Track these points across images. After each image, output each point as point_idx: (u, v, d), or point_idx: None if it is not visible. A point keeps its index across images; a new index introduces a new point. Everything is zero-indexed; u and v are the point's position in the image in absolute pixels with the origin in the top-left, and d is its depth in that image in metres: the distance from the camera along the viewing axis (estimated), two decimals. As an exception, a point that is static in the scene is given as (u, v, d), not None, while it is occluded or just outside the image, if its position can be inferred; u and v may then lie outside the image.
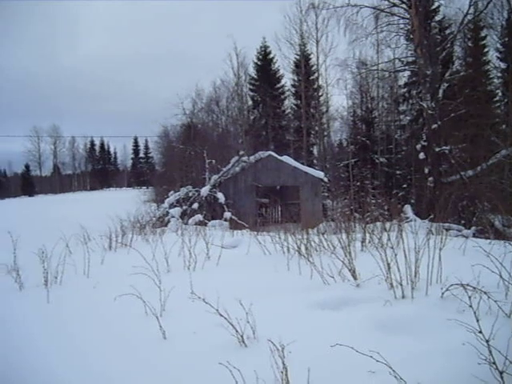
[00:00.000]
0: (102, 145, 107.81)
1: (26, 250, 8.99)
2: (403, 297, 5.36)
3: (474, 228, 17.74)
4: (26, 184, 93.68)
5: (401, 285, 5.45)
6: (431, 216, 19.53)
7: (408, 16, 25.45)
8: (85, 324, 5.64)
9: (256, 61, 43.13)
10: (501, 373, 3.15)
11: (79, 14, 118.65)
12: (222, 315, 4.50)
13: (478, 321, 3.38)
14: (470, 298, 3.76)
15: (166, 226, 20.05)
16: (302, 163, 28.27)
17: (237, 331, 4.45)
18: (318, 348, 4.08)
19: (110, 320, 5.68)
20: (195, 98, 41.45)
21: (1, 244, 10.13)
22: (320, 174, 25.51)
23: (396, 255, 5.73)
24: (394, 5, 25.88)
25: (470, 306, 3.60)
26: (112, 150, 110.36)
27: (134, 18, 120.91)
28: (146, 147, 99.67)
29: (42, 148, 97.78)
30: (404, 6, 25.48)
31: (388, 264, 5.69)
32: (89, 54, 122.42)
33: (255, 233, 13.05)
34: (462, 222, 20.77)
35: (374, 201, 26.35)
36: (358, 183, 34.45)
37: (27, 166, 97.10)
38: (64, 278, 8.07)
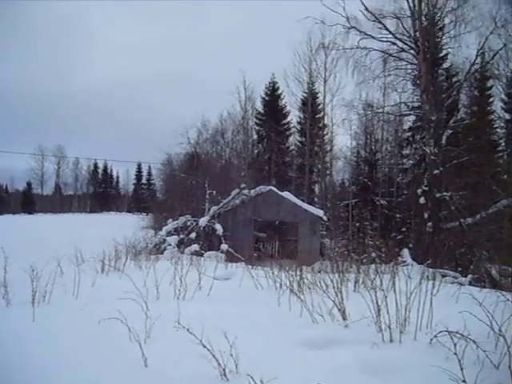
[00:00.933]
0: (106, 168, 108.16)
1: (17, 266, 8.96)
2: (391, 340, 5.29)
3: (470, 276, 17.60)
4: (26, 201, 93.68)
5: (389, 328, 5.39)
6: (428, 261, 19.43)
7: (416, 62, 25.75)
8: (68, 344, 5.57)
9: (264, 96, 43.49)
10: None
11: (91, 35, 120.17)
12: (205, 346, 4.45)
13: (462, 369, 3.33)
14: (455, 345, 3.72)
15: (161, 253, 19.97)
16: (303, 200, 28.26)
17: (219, 364, 4.39)
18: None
19: (93, 343, 5.60)
20: (201, 128, 41.84)
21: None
22: (320, 212, 25.49)
23: (386, 298, 5.68)
24: (403, 50, 26.22)
25: (455, 354, 3.56)
26: (115, 174, 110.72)
27: (143, 42, 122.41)
28: (149, 173, 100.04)
29: (46, 167, 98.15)
30: (412, 51, 25.82)
31: (378, 306, 5.64)
32: (100, 74, 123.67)
33: (250, 266, 12.99)
34: (459, 269, 20.62)
35: (372, 242, 26.28)
36: (358, 224, 34.39)
37: (29, 184, 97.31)
38: (52, 298, 8.00)
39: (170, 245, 21.58)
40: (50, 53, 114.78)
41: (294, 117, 43.45)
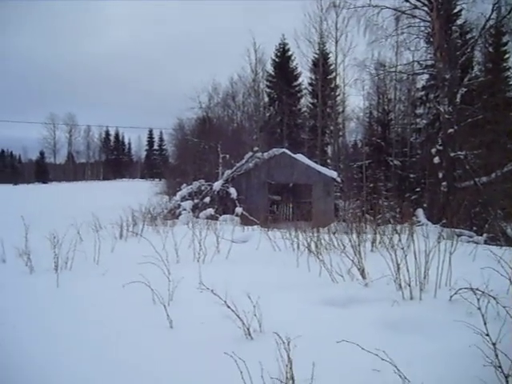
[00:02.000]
0: (117, 135, 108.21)
1: (37, 235, 9.10)
2: (411, 298, 5.36)
3: (485, 235, 17.61)
4: (40, 171, 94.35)
5: (409, 286, 5.45)
6: (443, 221, 19.42)
7: (429, 19, 25.25)
8: (93, 309, 5.71)
9: (274, 58, 43.03)
10: (506, 376, 3.14)
11: (103, 5, 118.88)
12: (229, 307, 4.53)
13: (485, 324, 3.37)
14: (478, 300, 3.75)
15: (177, 218, 20.11)
16: (316, 162, 28.17)
17: (243, 323, 4.48)
18: (324, 343, 4.09)
19: (117, 306, 5.74)
20: (212, 93, 41.56)
21: (13, 228, 10.22)
22: (333, 174, 25.44)
23: (406, 257, 5.72)
24: (416, 7, 25.68)
25: (479, 309, 3.59)
26: (126, 141, 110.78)
27: (154, 10, 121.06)
28: (161, 139, 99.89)
29: (58, 136, 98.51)
30: (425, 8, 25.28)
31: (398, 265, 5.68)
32: (109, 44, 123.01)
33: (266, 229, 13.07)
34: (474, 228, 20.61)
35: (386, 203, 26.29)
36: (371, 185, 34.33)
37: (42, 153, 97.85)
38: (74, 264, 8.15)
39: (184, 209, 21.69)
40: (61, 21, 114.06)
41: (305, 78, 43.02)
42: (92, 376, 4.01)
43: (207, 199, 22.62)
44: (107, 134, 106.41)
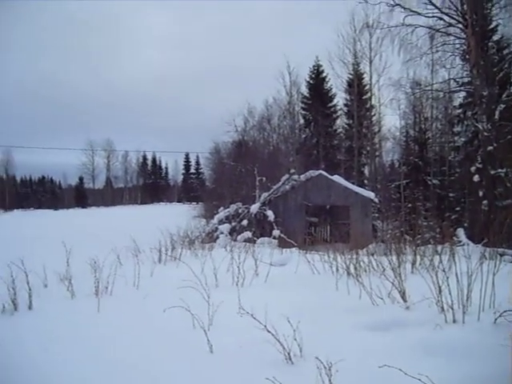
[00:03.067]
0: (154, 159, 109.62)
1: (78, 259, 9.26)
2: (454, 321, 5.25)
3: (530, 254, 17.14)
4: (79, 196, 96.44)
5: (452, 309, 5.34)
6: (485, 240, 19.02)
7: (464, 36, 25.04)
8: (134, 334, 5.76)
9: (308, 79, 43.23)
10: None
11: (136, 27, 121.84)
12: (269, 331, 4.52)
13: (532, 348, 3.29)
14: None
15: (214, 241, 20.18)
16: (353, 183, 28.04)
17: (284, 348, 4.46)
18: (366, 368, 4.05)
19: (158, 331, 5.77)
20: (247, 116, 41.93)
21: (54, 253, 10.42)
22: (371, 195, 25.23)
23: (448, 278, 5.62)
24: (450, 25, 25.51)
25: (525, 333, 3.51)
26: (164, 165, 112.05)
27: (188, 33, 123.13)
28: (197, 163, 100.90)
29: (96, 161, 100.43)
30: (460, 25, 25.08)
31: (439, 287, 5.59)
32: (145, 68, 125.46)
33: (304, 251, 13.02)
34: (518, 247, 20.10)
35: (425, 223, 25.92)
36: (410, 205, 33.89)
37: (81, 179, 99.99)
38: (114, 289, 8.24)
39: (222, 233, 21.76)
40: (98, 47, 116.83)
41: (340, 99, 43.04)
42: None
43: (244, 222, 22.65)
44: (144, 158, 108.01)
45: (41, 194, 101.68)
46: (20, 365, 5.05)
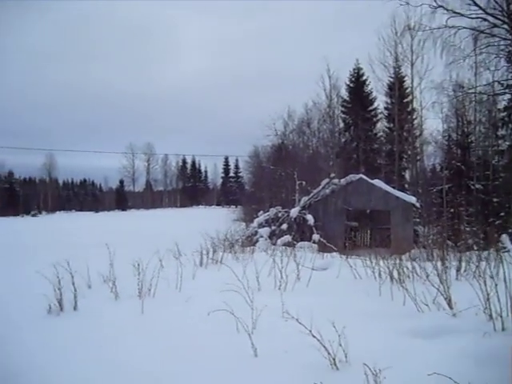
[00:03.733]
0: (194, 163, 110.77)
1: (120, 261, 9.39)
2: (503, 329, 5.12)
3: None
4: (119, 198, 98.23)
5: (501, 316, 5.22)
6: (531, 247, 18.54)
7: (510, 37, 24.49)
8: (179, 336, 5.79)
9: (348, 83, 42.96)
10: None
11: (177, 33, 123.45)
12: (314, 336, 4.49)
13: None
14: None
15: (254, 245, 20.20)
16: (393, 187, 27.72)
17: (329, 353, 4.42)
18: (414, 375, 3.98)
19: (203, 334, 5.79)
20: (287, 120, 41.90)
21: (97, 254, 10.59)
22: (412, 199, 24.92)
23: (496, 285, 5.50)
24: (495, 25, 24.95)
25: None
26: (203, 169, 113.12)
27: (227, 37, 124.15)
28: (237, 166, 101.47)
29: (137, 165, 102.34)
30: (506, 26, 24.53)
31: (487, 294, 5.47)
32: (184, 73, 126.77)
33: (345, 256, 12.93)
34: None
35: (468, 228, 25.39)
36: (452, 210, 33.30)
37: (121, 182, 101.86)
38: (157, 291, 8.32)
39: (262, 236, 21.81)
40: (137, 53, 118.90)
41: (380, 102, 42.57)
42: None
43: (284, 226, 22.64)
44: (184, 162, 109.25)
45: (82, 196, 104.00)
46: (68, 364, 5.15)
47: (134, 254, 10.10)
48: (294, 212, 23.14)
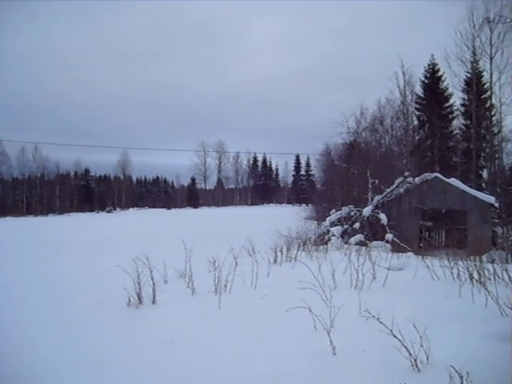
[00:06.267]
0: (265, 161, 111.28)
1: (195, 257, 9.57)
2: None
3: None
4: (191, 196, 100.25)
5: None
6: None
7: None
8: (256, 333, 5.85)
9: (423, 79, 41.87)
10: None
11: (248, 32, 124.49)
12: (395, 336, 4.43)
13: None
14: None
15: (326, 244, 20.11)
16: (470, 187, 26.86)
17: (410, 354, 4.35)
18: (501, 381, 3.86)
19: (279, 331, 5.82)
20: (359, 117, 41.37)
21: (171, 250, 10.82)
22: (490, 199, 24.04)
23: None
24: None
25: None
26: (274, 167, 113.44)
27: (299, 35, 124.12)
28: (308, 164, 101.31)
29: (208, 162, 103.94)
30: None
31: None
32: (255, 70, 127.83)
33: (420, 256, 12.67)
34: None
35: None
36: (534, 210, 31.97)
37: (193, 179, 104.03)
38: (233, 287, 8.42)
39: (334, 235, 21.68)
40: (207, 54, 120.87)
41: (457, 99, 41.15)
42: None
43: (357, 225, 22.42)
44: (255, 160, 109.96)
45: (155, 193, 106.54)
46: (150, 355, 5.30)
47: (208, 250, 10.30)
48: (367, 211, 22.85)
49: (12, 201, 76.18)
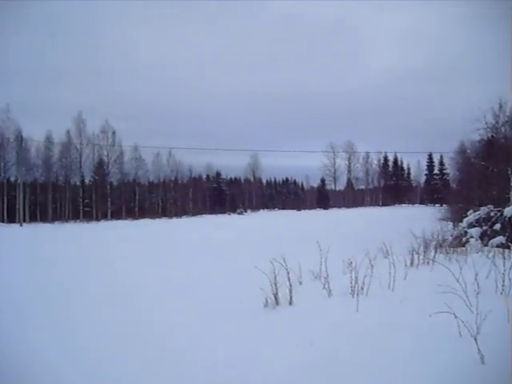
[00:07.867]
0: (396, 160, 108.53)
1: (330, 259, 9.51)
2: None
3: None
4: (320, 197, 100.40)
5: None
6: None
7: None
8: (398, 337, 5.74)
9: None
10: None
11: (363, 32, 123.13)
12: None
13: None
14: None
15: (463, 246, 19.22)
16: None
17: None
18: None
19: (422, 336, 5.66)
20: (497, 112, 39.09)
21: (306, 251, 10.85)
22: None
23: None
24: None
25: None
26: (405, 166, 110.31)
27: (417, 33, 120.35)
28: (441, 163, 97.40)
29: (337, 163, 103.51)
30: None
31: None
32: (378, 70, 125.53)
33: None
34: None
35: None
36: None
37: (323, 180, 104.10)
38: (369, 290, 8.30)
39: (472, 237, 20.65)
40: (330, 54, 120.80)
41: None
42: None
43: (497, 226, 21.19)
44: (386, 159, 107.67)
45: (284, 195, 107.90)
46: (288, 356, 5.37)
47: (342, 251, 10.22)
48: (509, 211, 21.52)
49: (148, 203, 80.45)
